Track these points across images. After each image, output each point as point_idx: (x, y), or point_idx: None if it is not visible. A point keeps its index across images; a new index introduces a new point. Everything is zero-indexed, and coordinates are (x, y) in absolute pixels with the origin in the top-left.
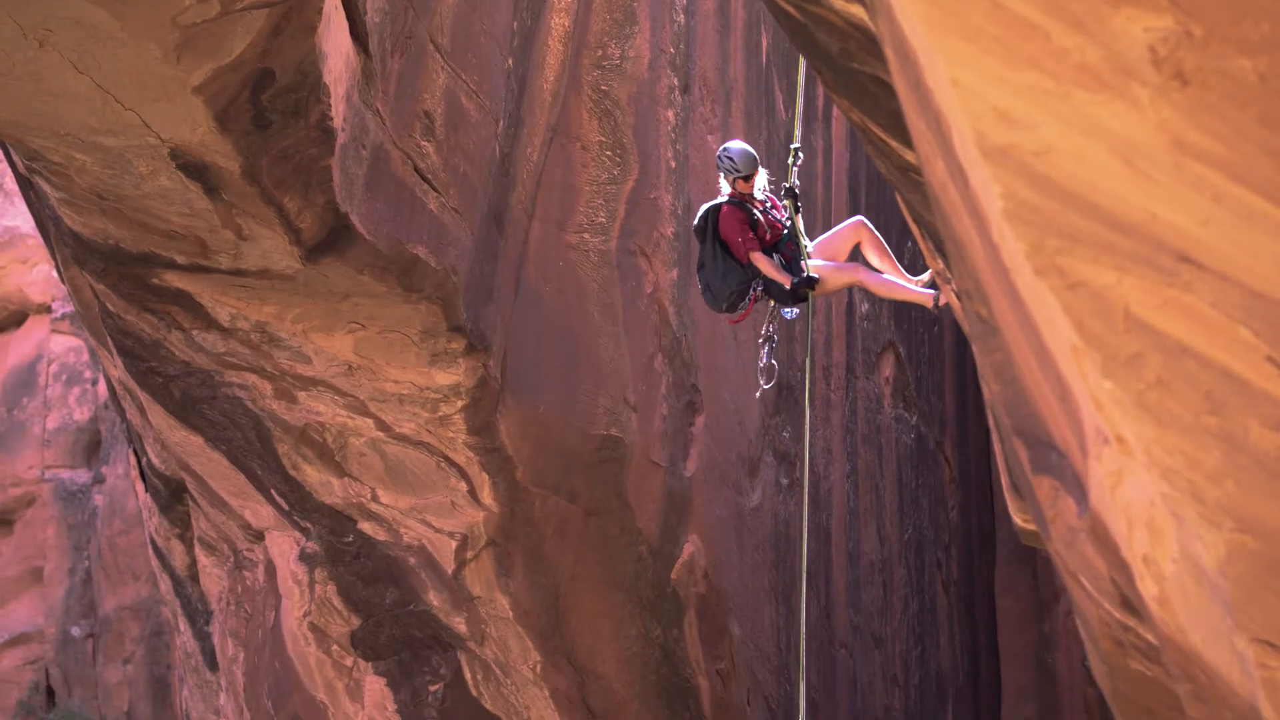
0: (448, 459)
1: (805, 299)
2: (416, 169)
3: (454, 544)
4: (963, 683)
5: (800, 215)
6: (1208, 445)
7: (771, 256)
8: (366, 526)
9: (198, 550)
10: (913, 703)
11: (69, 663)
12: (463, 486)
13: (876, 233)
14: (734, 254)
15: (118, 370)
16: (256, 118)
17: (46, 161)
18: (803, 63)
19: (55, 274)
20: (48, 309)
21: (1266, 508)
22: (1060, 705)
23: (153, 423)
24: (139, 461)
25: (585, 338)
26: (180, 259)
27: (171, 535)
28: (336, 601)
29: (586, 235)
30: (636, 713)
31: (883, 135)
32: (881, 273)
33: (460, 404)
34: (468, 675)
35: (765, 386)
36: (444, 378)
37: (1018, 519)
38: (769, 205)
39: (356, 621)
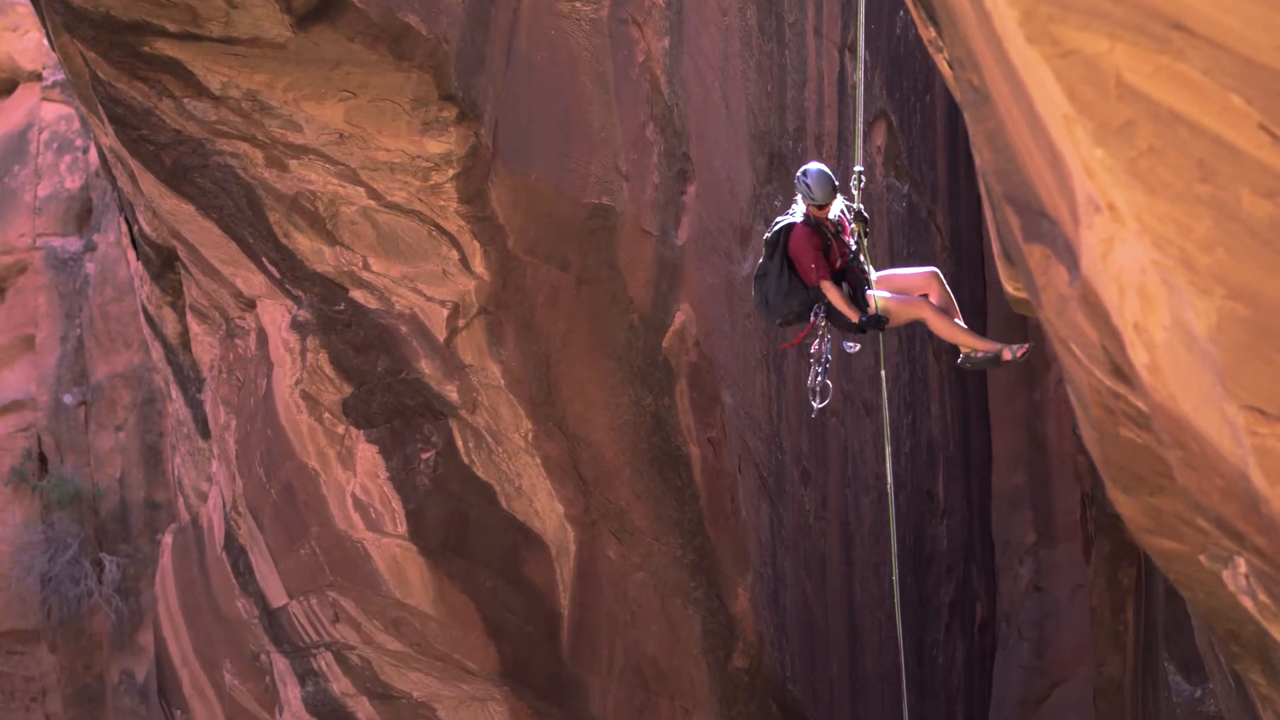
0: (439, 227)
1: (866, 332)
2: None
3: (445, 312)
4: (953, 450)
5: (867, 239)
6: (1199, 213)
7: (840, 286)
8: (358, 294)
9: (189, 318)
10: (904, 470)
11: (61, 430)
12: (454, 255)
13: (948, 288)
14: (800, 274)
15: (109, 138)
16: None
17: None
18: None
19: (46, 42)
20: (38, 77)
21: (1257, 275)
22: (1050, 472)
23: (144, 191)
24: (130, 229)
25: (577, 106)
26: (171, 27)
27: (163, 303)
28: (328, 369)
29: (578, 4)
30: (628, 480)
31: None
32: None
33: (452, 172)
34: (459, 443)
35: (818, 407)
36: (435, 146)
37: (1009, 287)
38: (839, 229)
39: (348, 389)
